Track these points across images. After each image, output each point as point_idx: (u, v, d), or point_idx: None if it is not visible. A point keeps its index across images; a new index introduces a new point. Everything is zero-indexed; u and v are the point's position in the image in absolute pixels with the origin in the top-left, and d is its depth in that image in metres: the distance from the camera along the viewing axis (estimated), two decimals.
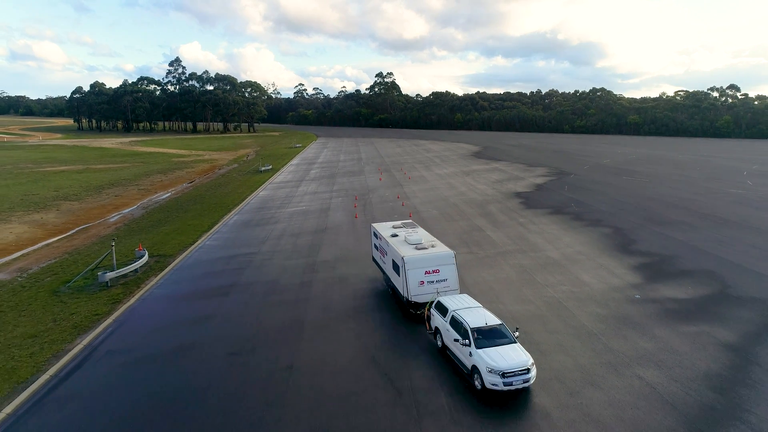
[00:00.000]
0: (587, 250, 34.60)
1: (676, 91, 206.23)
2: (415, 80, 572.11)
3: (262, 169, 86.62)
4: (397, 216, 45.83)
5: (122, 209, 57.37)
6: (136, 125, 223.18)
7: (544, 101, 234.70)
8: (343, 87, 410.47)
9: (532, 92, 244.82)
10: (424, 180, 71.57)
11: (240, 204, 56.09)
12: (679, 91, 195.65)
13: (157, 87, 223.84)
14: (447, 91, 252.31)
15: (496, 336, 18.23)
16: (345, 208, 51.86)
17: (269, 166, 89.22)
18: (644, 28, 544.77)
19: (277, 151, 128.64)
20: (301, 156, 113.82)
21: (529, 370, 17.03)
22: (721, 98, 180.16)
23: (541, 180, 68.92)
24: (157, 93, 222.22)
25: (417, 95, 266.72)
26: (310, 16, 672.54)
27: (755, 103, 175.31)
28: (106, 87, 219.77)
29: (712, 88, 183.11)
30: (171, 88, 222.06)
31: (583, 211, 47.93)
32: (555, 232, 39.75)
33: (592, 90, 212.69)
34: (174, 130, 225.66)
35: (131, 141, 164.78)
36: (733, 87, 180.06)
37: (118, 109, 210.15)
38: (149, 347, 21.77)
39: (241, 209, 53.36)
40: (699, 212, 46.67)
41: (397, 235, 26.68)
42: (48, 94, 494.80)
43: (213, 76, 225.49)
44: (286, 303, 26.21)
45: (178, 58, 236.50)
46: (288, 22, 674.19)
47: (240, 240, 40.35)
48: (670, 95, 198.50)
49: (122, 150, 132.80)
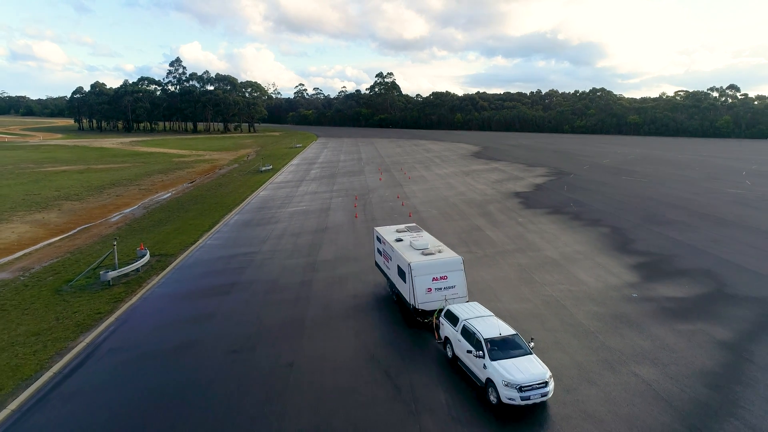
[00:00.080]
0: (585, 250, 34.85)
1: (676, 91, 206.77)
2: (415, 80, 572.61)
3: (263, 169, 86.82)
4: (397, 215, 46.12)
5: (123, 209, 57.61)
6: (136, 125, 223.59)
7: (544, 101, 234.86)
8: (344, 87, 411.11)
9: (532, 92, 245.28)
10: (424, 180, 71.81)
11: (241, 204, 56.33)
12: (679, 91, 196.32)
13: (157, 87, 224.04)
14: (447, 91, 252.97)
15: (511, 347, 17.52)
16: (345, 208, 52.09)
17: (270, 166, 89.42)
18: (644, 28, 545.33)
19: (277, 151, 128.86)
20: (302, 156, 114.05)
21: (547, 383, 16.27)
22: (721, 98, 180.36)
23: (541, 180, 69.16)
24: (158, 93, 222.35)
25: (417, 95, 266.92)
26: (311, 16, 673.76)
27: (755, 103, 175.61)
28: (107, 87, 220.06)
29: (712, 88, 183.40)
30: (171, 89, 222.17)
31: (581, 210, 48.17)
32: (554, 232, 39.99)
33: (592, 90, 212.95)
34: (174, 131, 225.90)
35: (132, 141, 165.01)
36: (733, 87, 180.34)
37: (118, 109, 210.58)
38: (151, 345, 22.03)
39: (241, 209, 53.59)
40: (697, 212, 46.90)
41: (401, 240, 26.02)
42: (48, 94, 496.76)
43: (213, 77, 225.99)
44: (286, 301, 26.45)
45: (178, 58, 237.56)
46: (288, 22, 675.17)
47: (241, 239, 40.58)
48: (670, 95, 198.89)
49: (123, 150, 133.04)
